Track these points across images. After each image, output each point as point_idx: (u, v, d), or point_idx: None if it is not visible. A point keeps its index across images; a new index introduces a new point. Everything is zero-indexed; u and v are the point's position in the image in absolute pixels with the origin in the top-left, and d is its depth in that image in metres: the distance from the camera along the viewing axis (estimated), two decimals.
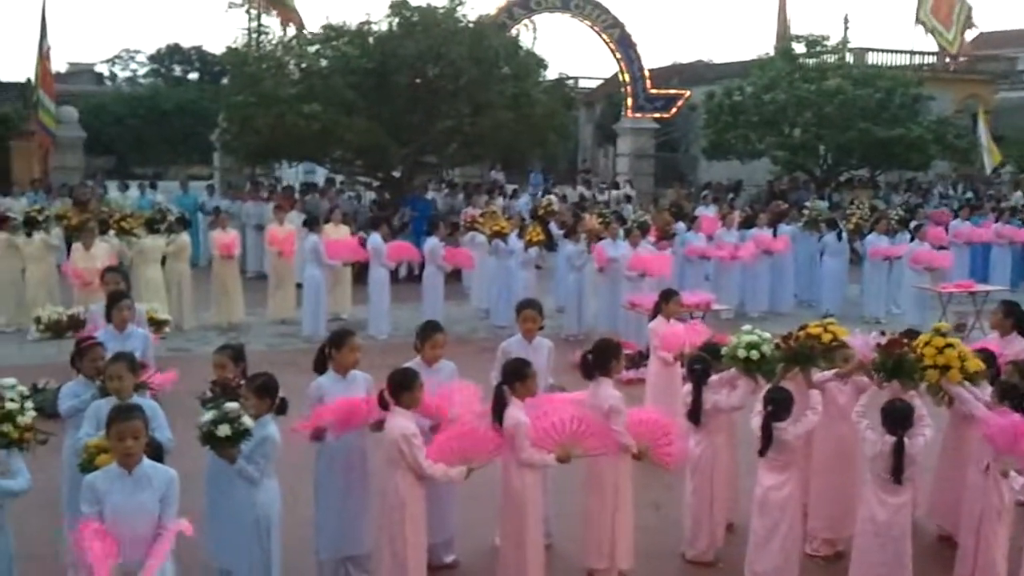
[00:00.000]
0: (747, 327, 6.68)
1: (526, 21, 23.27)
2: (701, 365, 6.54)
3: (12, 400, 5.05)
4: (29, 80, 31.36)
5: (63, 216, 13.83)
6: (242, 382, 5.56)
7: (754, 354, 6.34)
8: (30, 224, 13.24)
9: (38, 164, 23.52)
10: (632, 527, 6.13)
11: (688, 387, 6.62)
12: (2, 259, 13.35)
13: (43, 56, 22.12)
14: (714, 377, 6.57)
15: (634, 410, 6.12)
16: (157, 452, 4.69)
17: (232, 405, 5.04)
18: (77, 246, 12.18)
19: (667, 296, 8.72)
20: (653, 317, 8.77)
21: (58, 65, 23.30)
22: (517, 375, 5.74)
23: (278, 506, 5.38)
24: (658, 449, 5.99)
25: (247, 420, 5.01)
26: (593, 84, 40.79)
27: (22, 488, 4.85)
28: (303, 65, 17.98)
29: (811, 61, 26.31)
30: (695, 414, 6.50)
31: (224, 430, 4.92)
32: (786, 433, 5.84)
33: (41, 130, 22.25)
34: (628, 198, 22.13)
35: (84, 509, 4.34)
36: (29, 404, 5.15)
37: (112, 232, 12.94)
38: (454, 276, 15.62)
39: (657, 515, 7.32)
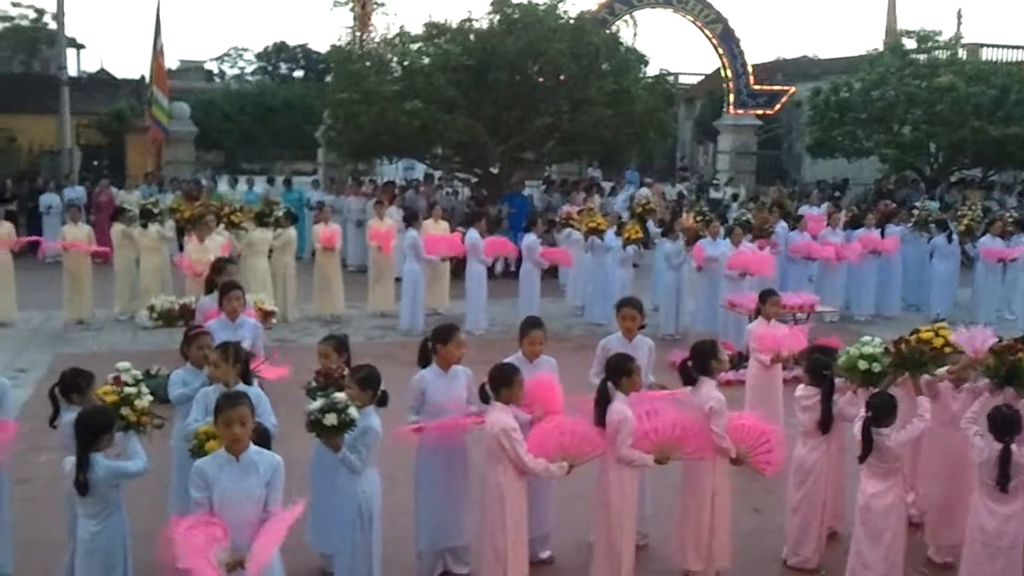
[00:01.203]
0: (867, 337, 6.50)
1: (626, 17, 23.14)
2: (830, 372, 6.34)
3: (130, 385, 5.26)
4: (143, 77, 32.66)
5: (176, 209, 14.33)
6: (346, 372, 5.69)
7: (875, 366, 6.16)
8: (145, 216, 13.75)
9: (152, 158, 24.40)
10: (728, 530, 6.05)
11: (805, 392, 6.44)
12: (118, 249, 13.91)
13: (157, 54, 22.96)
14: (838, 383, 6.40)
15: (734, 415, 6.02)
16: (263, 438, 4.82)
17: (340, 396, 5.15)
18: (191, 238, 12.60)
19: (766, 296, 8.58)
20: (754, 318, 8.62)
21: (170, 63, 24.18)
22: (622, 370, 5.71)
23: (379, 495, 5.48)
24: (756, 455, 5.89)
25: (353, 411, 5.11)
26: (693, 80, 40.27)
27: (139, 469, 5.03)
28: (405, 63, 18.25)
29: (922, 57, 25.49)
30: (826, 423, 6.31)
31: (331, 419, 5.03)
32: (889, 440, 5.67)
33: (155, 125, 23.05)
34: (735, 196, 21.79)
35: (194, 494, 4.48)
36: (146, 389, 5.36)
37: (222, 225, 13.36)
38: (550, 273, 15.65)
39: (756, 519, 7.21)
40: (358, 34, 20.17)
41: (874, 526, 5.76)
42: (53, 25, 39.57)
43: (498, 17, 18.12)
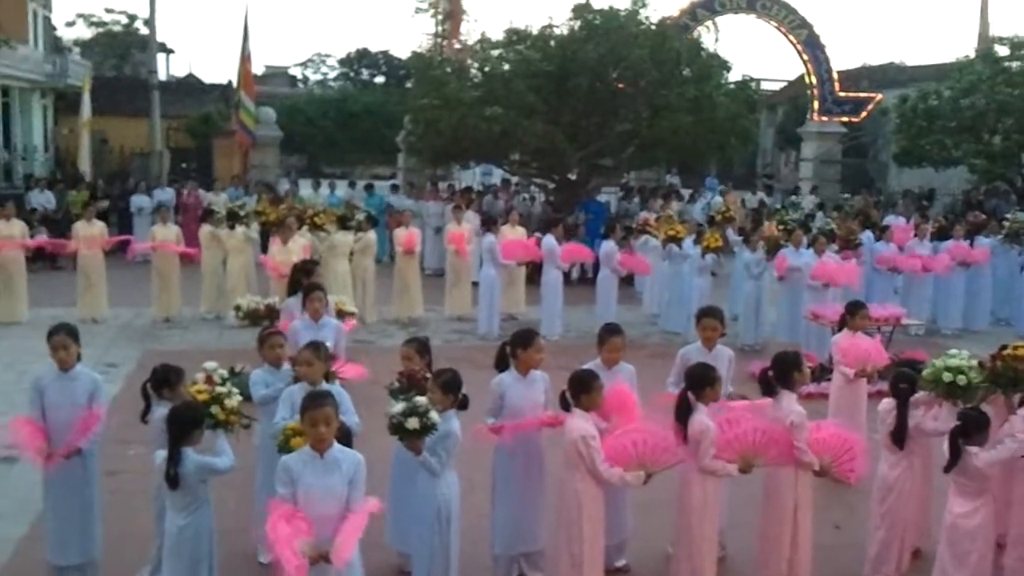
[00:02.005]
0: (954, 350, 6.33)
1: (708, 22, 22.92)
2: (907, 384, 6.20)
3: (221, 384, 5.40)
4: (231, 82, 33.49)
5: (261, 212, 14.66)
6: (427, 375, 5.75)
7: (960, 379, 5.99)
8: (232, 218, 14.10)
9: (238, 161, 24.97)
10: (810, 545, 5.94)
11: (888, 405, 6.30)
12: (206, 250, 14.27)
13: (245, 60, 23.52)
14: (913, 396, 6.24)
15: (814, 425, 5.92)
16: (346, 437, 4.90)
17: (422, 400, 5.21)
18: (275, 240, 12.88)
19: (854, 309, 8.42)
20: (838, 330, 8.46)
21: (256, 68, 24.69)
22: (704, 380, 5.67)
23: (458, 498, 5.52)
24: (840, 465, 5.79)
25: (435, 415, 5.16)
26: (775, 86, 39.67)
27: (226, 467, 5.16)
28: (486, 69, 18.36)
29: (1015, 64, 24.63)
30: (899, 436, 6.18)
31: (413, 423, 5.09)
32: (977, 459, 5.51)
33: (242, 130, 23.59)
34: (820, 205, 21.40)
35: (279, 489, 4.57)
36: (235, 389, 5.49)
37: (305, 227, 13.62)
38: (626, 280, 15.58)
39: (836, 535, 7.08)
40: (442, 41, 20.39)
41: (960, 547, 5.60)
42: (144, 31, 40.99)
43: (579, 23, 18.11)
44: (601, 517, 5.57)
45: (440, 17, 21.33)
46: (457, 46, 20.05)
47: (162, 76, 32.45)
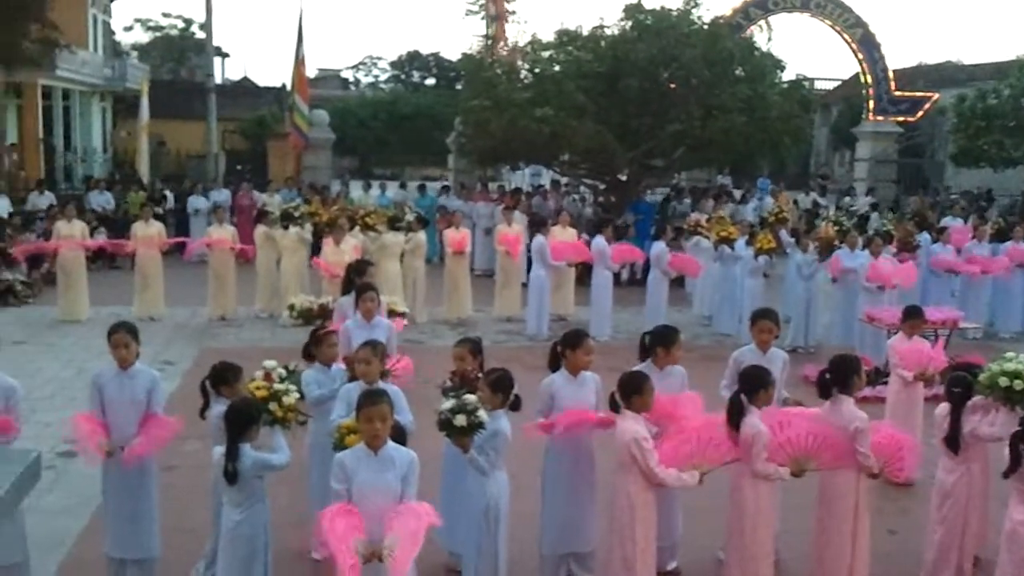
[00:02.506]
0: (1011, 353, 6.20)
1: (761, 22, 22.71)
2: (961, 388, 6.08)
3: (279, 381, 5.47)
4: (284, 85, 33.97)
5: (314, 212, 14.83)
6: (479, 375, 5.77)
7: (1017, 384, 5.86)
8: (286, 219, 14.30)
9: (291, 163, 25.27)
10: (868, 551, 5.86)
11: (943, 410, 6.19)
12: (260, 250, 14.48)
13: (299, 63, 23.80)
14: (970, 402, 6.13)
15: (871, 427, 5.85)
16: (400, 434, 4.94)
17: (471, 397, 5.24)
18: (327, 240, 13.02)
19: (910, 312, 8.27)
20: (894, 333, 8.33)
21: (309, 71, 24.98)
22: (759, 383, 5.61)
23: (507, 498, 5.53)
24: (891, 465, 5.75)
25: (483, 414, 5.19)
26: (829, 85, 39.17)
27: (283, 463, 5.23)
28: (536, 70, 18.38)
29: None
30: (953, 441, 6.07)
31: (460, 420, 5.13)
32: None
33: (295, 132, 23.89)
34: (874, 206, 21.08)
35: (334, 485, 4.63)
36: (293, 386, 5.56)
37: (357, 228, 13.75)
38: (676, 281, 15.48)
39: (892, 540, 6.97)
40: (491, 42, 20.43)
41: (1020, 555, 5.47)
42: (200, 35, 41.68)
43: (630, 23, 18.06)
44: (654, 520, 5.54)
45: (487, 20, 21.34)
46: (503, 48, 20.03)
47: (217, 80, 32.92)
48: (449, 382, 5.70)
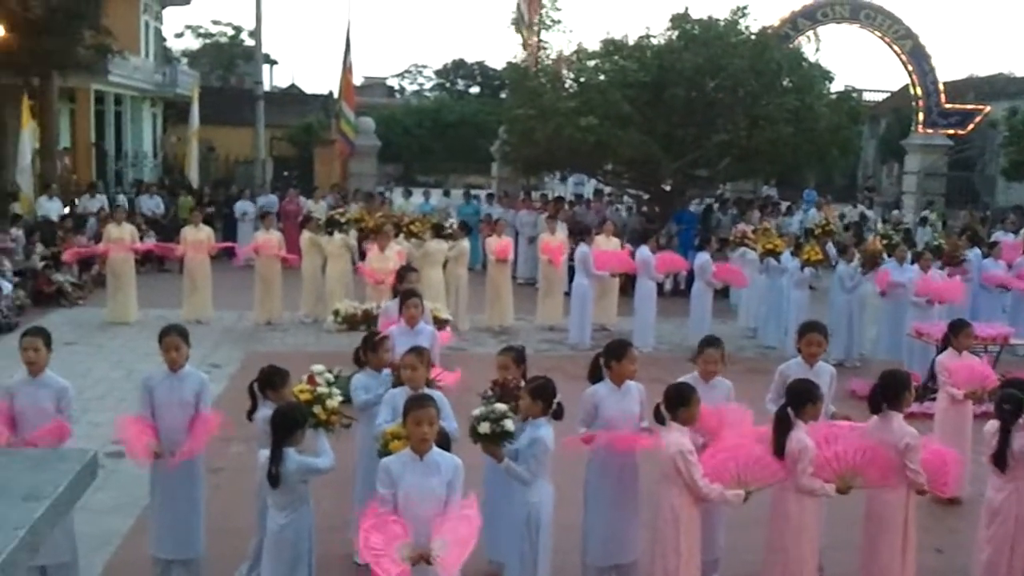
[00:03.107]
0: None
1: (809, 32, 22.52)
2: (1012, 405, 5.95)
3: (323, 385, 5.53)
4: (331, 92, 34.24)
5: (359, 219, 14.96)
6: (520, 385, 5.77)
7: None
8: (331, 225, 14.43)
9: (338, 170, 25.49)
10: (916, 569, 5.77)
11: (993, 427, 6.07)
12: (306, 256, 14.64)
13: (346, 71, 24.03)
14: (1020, 419, 6.00)
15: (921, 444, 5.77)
16: (445, 441, 4.96)
17: (500, 406, 5.27)
18: (372, 246, 13.12)
19: (958, 327, 8.07)
20: (942, 349, 8.19)
21: (355, 79, 25.21)
22: (807, 397, 5.54)
23: (550, 507, 5.51)
24: (936, 480, 5.67)
25: (509, 423, 5.20)
26: (878, 96, 38.71)
27: (327, 466, 5.26)
28: (581, 79, 18.38)
29: None
30: (1001, 459, 5.95)
31: (484, 428, 5.17)
32: None
33: (342, 139, 24.10)
34: (924, 220, 20.79)
35: (380, 490, 4.65)
36: (336, 390, 5.61)
37: (401, 235, 13.83)
38: (721, 292, 15.37)
39: (938, 559, 6.85)
40: (531, 52, 20.43)
41: None
42: (249, 42, 42.27)
43: (677, 33, 18.00)
44: (697, 533, 5.49)
45: (519, 26, 21.31)
46: (532, 55, 19.96)
47: (266, 87, 33.35)
48: (490, 391, 5.70)
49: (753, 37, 18.20)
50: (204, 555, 6.15)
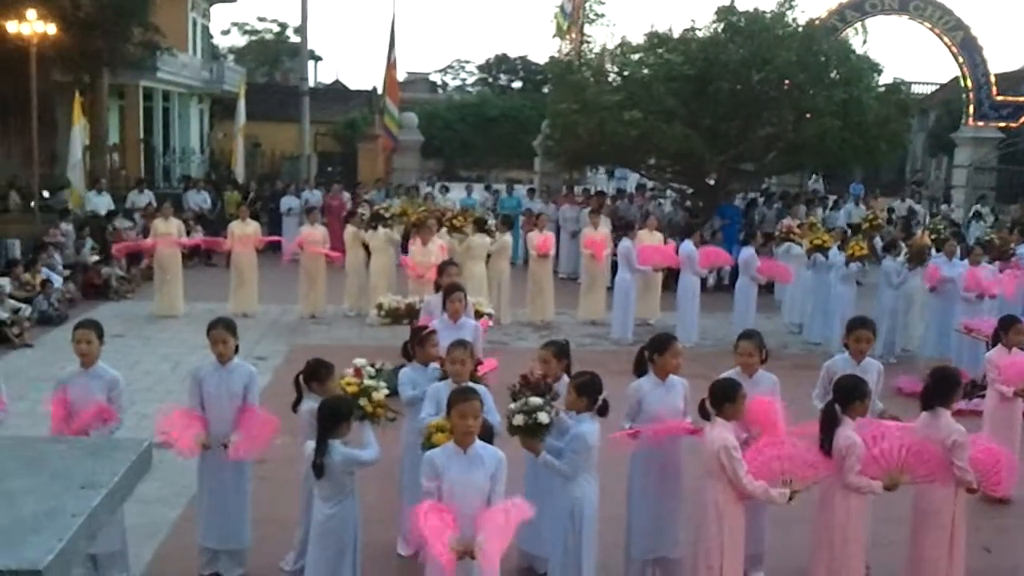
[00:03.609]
0: None
1: (857, 24, 22.19)
2: None
3: (371, 378, 5.56)
4: (375, 88, 34.49)
5: (403, 213, 15.02)
6: (548, 380, 5.77)
7: None
8: (375, 219, 14.52)
9: (381, 165, 25.64)
10: (964, 567, 5.69)
11: None
12: (350, 250, 14.75)
13: (390, 66, 24.14)
14: None
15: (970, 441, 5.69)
16: (488, 434, 4.98)
17: (535, 400, 5.29)
18: (415, 240, 13.18)
19: (1008, 323, 7.95)
20: (992, 345, 8.04)
21: (399, 74, 25.30)
22: (855, 394, 5.47)
23: (594, 502, 5.49)
24: (987, 479, 5.60)
25: (543, 416, 5.22)
26: (926, 89, 38.03)
27: (372, 459, 5.31)
28: (625, 73, 18.29)
29: None
30: None
31: (518, 420, 5.21)
32: None
33: (386, 134, 24.20)
34: (977, 214, 20.43)
35: (424, 483, 4.68)
36: (383, 383, 5.65)
37: (444, 229, 13.87)
38: (766, 288, 15.21)
39: (987, 559, 6.73)
40: (572, 46, 20.34)
41: None
42: (294, 39, 42.65)
43: (722, 25, 17.83)
44: (741, 528, 5.46)
45: (560, 20, 21.22)
46: (575, 48, 19.89)
47: (311, 83, 33.64)
48: (517, 384, 5.74)
49: (800, 29, 17.98)
50: (250, 544, 6.23)
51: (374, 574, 6.00)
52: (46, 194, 20.07)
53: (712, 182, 19.44)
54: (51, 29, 18.21)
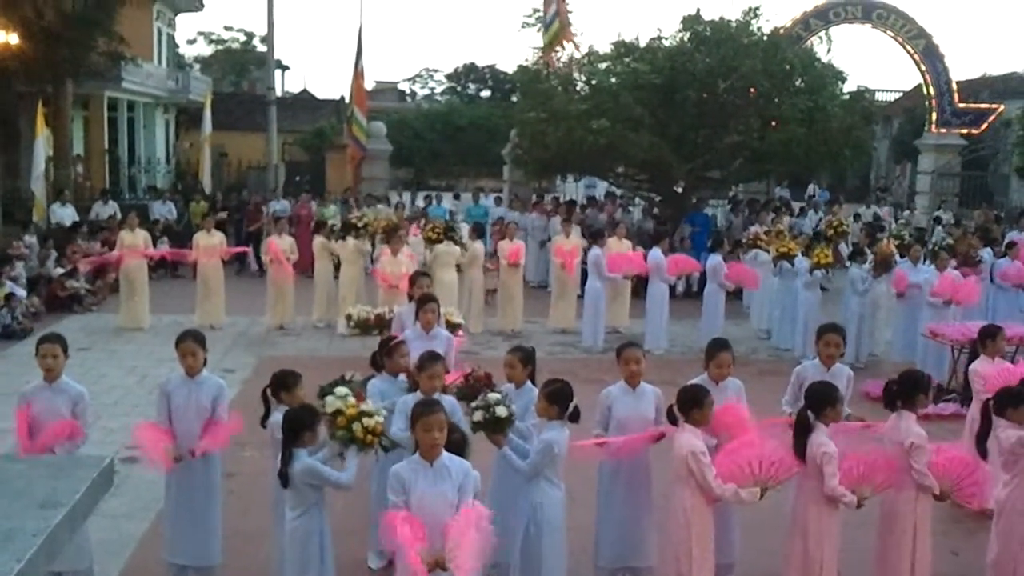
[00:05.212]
0: None
1: (821, 33, 22.44)
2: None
3: (343, 398, 5.36)
4: (343, 97, 34.32)
5: (370, 223, 14.95)
6: (488, 380, 6.03)
7: None
8: (347, 229, 14.44)
9: (350, 174, 25.54)
10: (929, 572, 5.73)
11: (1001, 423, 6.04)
12: (318, 260, 14.66)
13: (358, 75, 24.05)
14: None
15: (935, 448, 5.73)
16: (457, 446, 4.94)
17: (493, 395, 5.47)
18: (384, 250, 13.12)
19: (991, 333, 7.83)
20: (972, 356, 8.06)
21: (367, 84, 25.22)
22: (828, 400, 5.50)
23: (558, 509, 5.48)
24: (961, 489, 5.60)
25: (501, 410, 5.38)
26: (890, 96, 38.57)
27: (343, 482, 5.19)
28: (592, 82, 18.35)
29: None
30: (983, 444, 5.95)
31: (477, 416, 5.41)
32: None
33: (354, 143, 24.11)
34: (937, 220, 20.71)
35: (391, 497, 4.62)
36: (382, 409, 5.48)
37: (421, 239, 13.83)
38: (734, 294, 15.32)
39: (954, 562, 6.79)
40: (551, 52, 20.28)
41: None
42: (261, 48, 42.43)
43: (688, 34, 17.95)
44: (711, 535, 5.46)
45: (546, 25, 21.17)
46: (559, 55, 19.89)
47: (278, 92, 33.48)
48: (456, 386, 5.80)
49: (765, 38, 18.13)
50: (220, 561, 6.15)
51: None
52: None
53: (680, 190, 19.55)
54: (13, 39, 17.98)
